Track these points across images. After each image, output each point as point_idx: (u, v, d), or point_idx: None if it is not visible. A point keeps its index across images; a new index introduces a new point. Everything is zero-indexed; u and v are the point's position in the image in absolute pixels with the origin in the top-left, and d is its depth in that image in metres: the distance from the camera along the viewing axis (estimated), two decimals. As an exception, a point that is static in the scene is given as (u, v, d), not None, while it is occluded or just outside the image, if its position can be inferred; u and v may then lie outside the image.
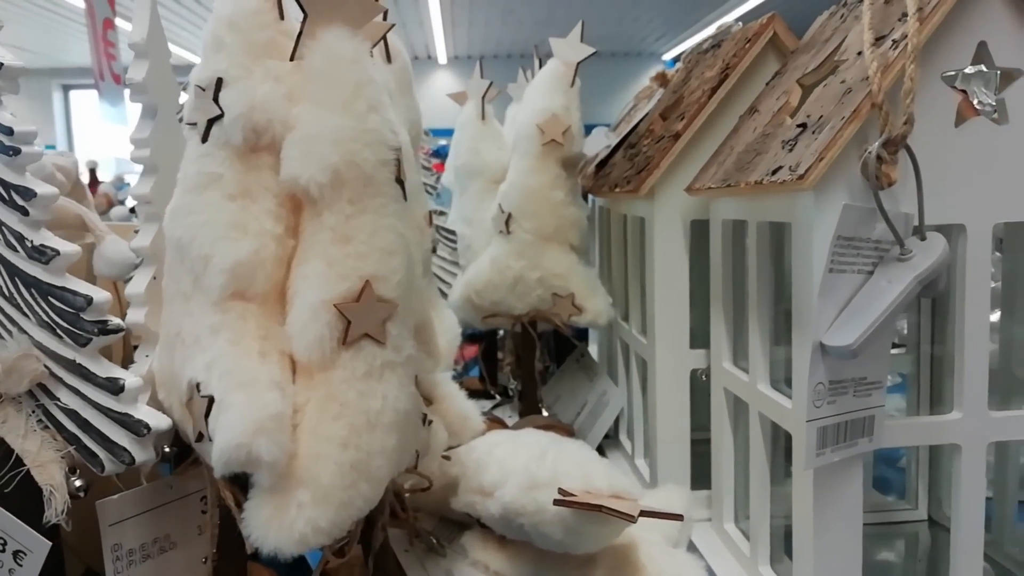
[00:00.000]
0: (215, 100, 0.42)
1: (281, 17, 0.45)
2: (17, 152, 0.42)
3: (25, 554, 0.41)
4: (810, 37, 0.65)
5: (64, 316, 0.42)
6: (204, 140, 0.43)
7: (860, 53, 0.51)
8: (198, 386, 0.40)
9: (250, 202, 0.42)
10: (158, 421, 0.43)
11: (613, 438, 0.96)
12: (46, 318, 0.42)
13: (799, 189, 0.48)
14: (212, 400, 0.39)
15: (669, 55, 8.05)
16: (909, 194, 0.47)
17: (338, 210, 0.41)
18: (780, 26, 0.71)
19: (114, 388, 0.42)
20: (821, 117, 0.51)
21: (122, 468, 0.42)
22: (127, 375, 0.43)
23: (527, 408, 0.96)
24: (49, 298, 0.42)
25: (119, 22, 4.11)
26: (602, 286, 0.90)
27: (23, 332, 0.42)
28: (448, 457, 0.57)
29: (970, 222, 0.50)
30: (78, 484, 0.42)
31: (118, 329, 0.42)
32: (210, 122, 0.43)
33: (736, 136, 0.66)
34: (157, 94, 0.50)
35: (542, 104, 0.86)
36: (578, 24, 0.87)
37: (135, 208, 0.51)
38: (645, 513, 0.47)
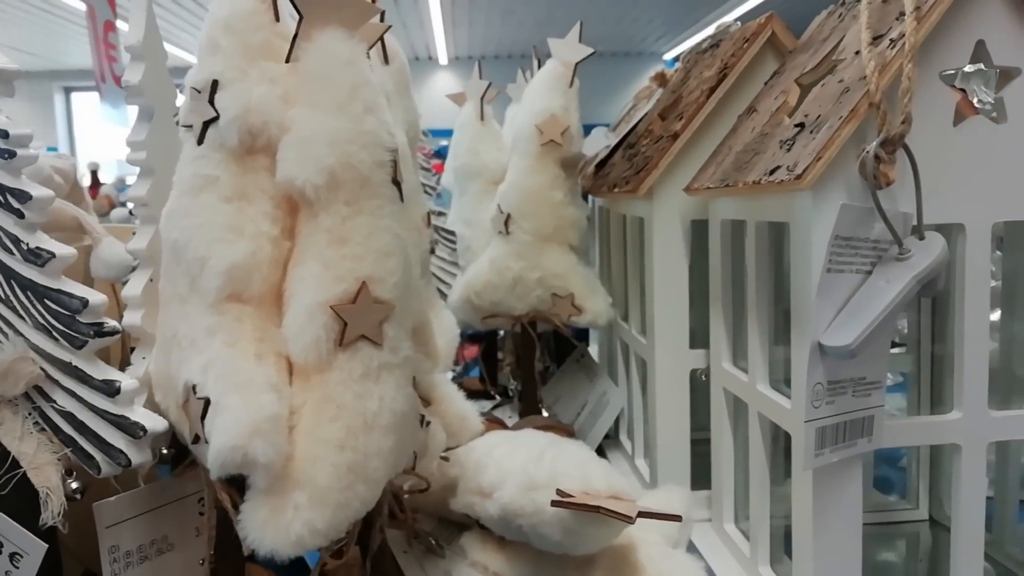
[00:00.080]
0: (211, 102, 0.42)
1: (277, 19, 0.45)
2: (13, 155, 0.42)
3: (21, 556, 0.41)
4: (808, 37, 0.65)
5: (60, 319, 0.42)
6: (200, 142, 0.43)
7: (858, 52, 0.51)
8: (194, 388, 0.40)
9: (246, 204, 0.42)
10: (154, 423, 0.43)
11: (613, 438, 0.96)
12: (42, 320, 0.42)
13: (797, 189, 0.48)
14: (208, 402, 0.39)
15: (669, 55, 8.04)
16: (907, 193, 0.47)
17: (334, 212, 0.41)
18: (778, 26, 0.71)
19: (110, 390, 0.42)
20: (819, 117, 0.51)
21: (118, 470, 0.42)
22: (123, 377, 0.43)
23: (527, 408, 0.96)
24: (45, 300, 0.42)
25: (120, 24, 4.11)
26: (602, 286, 0.90)
27: (19, 335, 0.42)
28: (447, 458, 0.57)
29: (969, 221, 0.50)
30: (74, 486, 0.42)
31: (114, 331, 0.42)
32: (206, 124, 0.43)
33: (734, 136, 0.66)
34: (153, 96, 0.50)
35: (541, 104, 0.86)
36: (576, 24, 0.87)
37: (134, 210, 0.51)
38: (643, 514, 0.47)
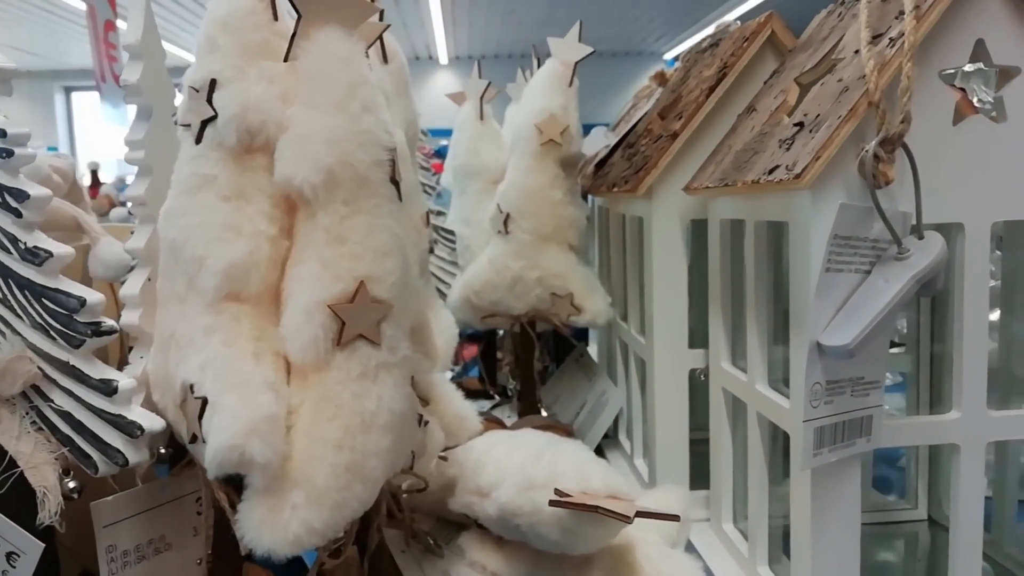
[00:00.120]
0: (209, 101, 0.42)
1: (275, 18, 0.45)
2: (10, 154, 0.42)
3: (18, 556, 0.40)
4: (808, 36, 0.65)
5: (57, 318, 0.41)
6: (198, 141, 0.43)
7: (857, 51, 0.51)
8: (192, 387, 0.40)
9: (244, 203, 0.42)
10: (152, 422, 0.43)
11: (612, 438, 0.95)
12: (39, 320, 0.42)
13: (796, 188, 0.48)
14: (206, 401, 0.39)
15: (670, 55, 8.04)
16: (907, 193, 0.47)
17: (332, 211, 0.41)
18: (778, 25, 0.71)
19: (108, 390, 0.42)
20: (818, 116, 0.50)
21: (116, 470, 0.42)
22: (121, 376, 0.43)
23: (526, 408, 0.96)
24: (43, 300, 0.42)
25: (120, 24, 4.11)
26: (601, 286, 0.90)
27: (16, 334, 0.42)
28: (445, 458, 0.57)
29: (968, 221, 0.49)
30: (72, 486, 0.42)
31: (112, 331, 0.42)
32: (204, 123, 0.43)
33: (734, 135, 0.66)
34: (152, 96, 0.50)
35: (540, 104, 0.86)
36: (576, 24, 0.87)
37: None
38: (641, 514, 0.47)
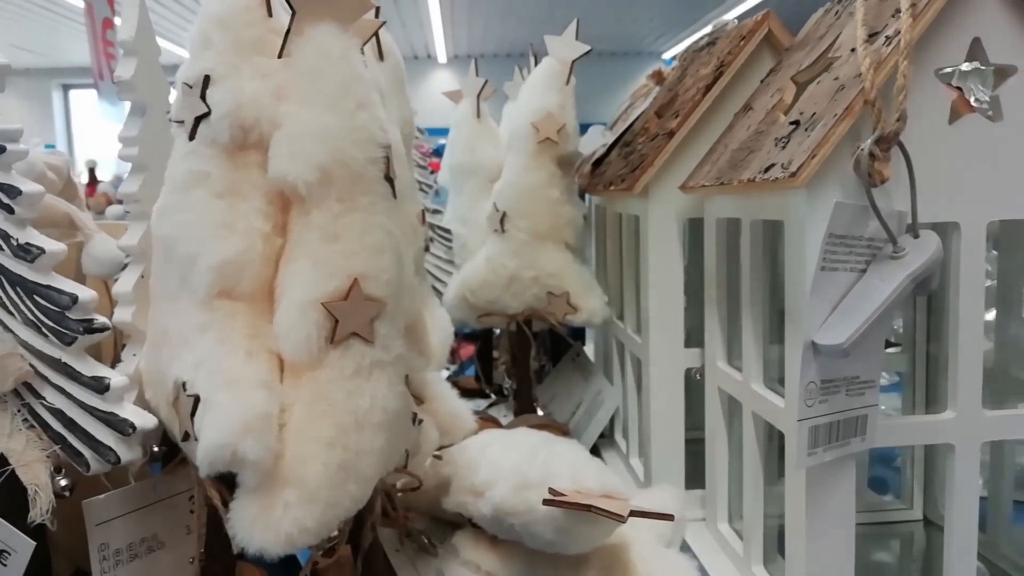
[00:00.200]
0: (202, 98, 0.42)
1: (269, 14, 0.44)
2: (3, 150, 0.42)
3: (9, 554, 0.40)
4: (805, 34, 0.65)
5: (49, 315, 0.41)
6: (191, 138, 0.43)
7: (854, 50, 0.50)
8: (184, 385, 0.40)
9: (238, 200, 0.42)
10: (143, 420, 0.42)
11: (608, 437, 0.95)
12: (31, 317, 0.41)
13: (791, 187, 0.48)
14: (198, 399, 0.39)
15: (669, 54, 8.04)
16: (902, 191, 0.47)
17: (326, 208, 0.41)
18: (775, 23, 0.71)
19: (99, 387, 0.42)
20: (814, 114, 0.50)
21: (108, 467, 0.42)
22: (113, 374, 0.43)
23: (522, 407, 0.96)
24: (34, 296, 0.41)
25: (118, 21, 4.10)
26: (597, 285, 0.90)
27: (8, 331, 0.42)
28: (440, 457, 0.57)
29: (964, 220, 0.49)
30: (63, 483, 0.42)
31: (103, 328, 0.42)
32: (197, 120, 0.42)
33: (730, 134, 0.66)
34: (146, 92, 0.50)
35: (537, 102, 0.86)
36: (573, 22, 0.87)
37: (128, 207, 0.51)
38: (635, 513, 0.47)
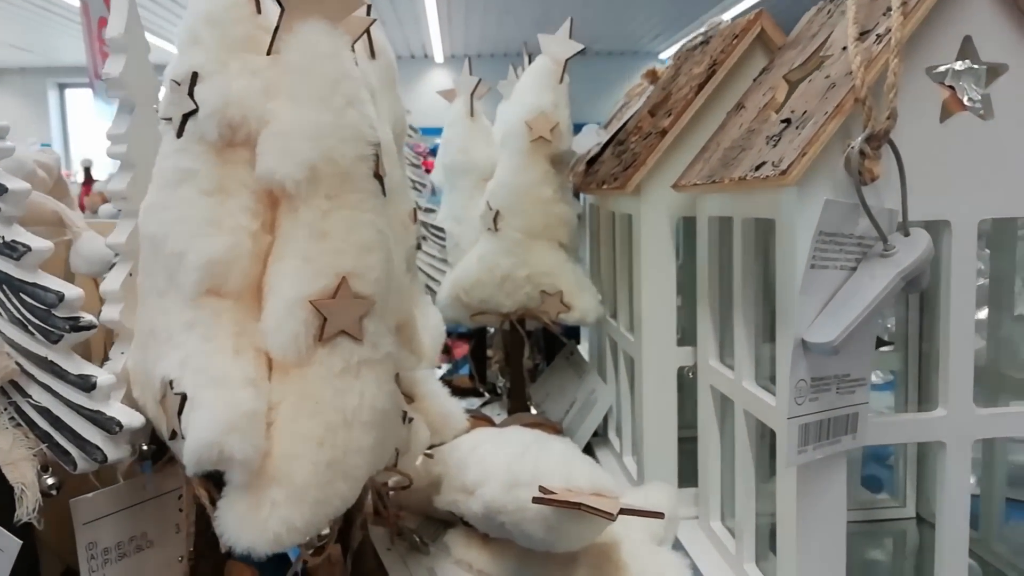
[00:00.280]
0: (190, 95, 0.42)
1: (258, 11, 0.44)
2: (-11, 147, 0.41)
3: (-5, 553, 0.40)
4: (797, 33, 0.64)
5: (36, 313, 0.41)
6: (179, 135, 0.42)
7: (845, 48, 0.50)
8: (171, 383, 0.39)
9: (226, 198, 0.42)
10: (130, 419, 0.42)
11: (602, 436, 0.95)
12: (18, 314, 0.41)
13: (782, 185, 0.48)
14: (185, 397, 0.39)
15: (665, 54, 8.04)
16: (893, 190, 0.47)
17: (315, 206, 0.41)
18: (768, 22, 0.71)
19: (86, 385, 0.41)
20: (805, 112, 0.50)
21: (95, 466, 0.41)
22: (99, 372, 0.42)
23: (516, 406, 0.96)
24: (21, 294, 0.41)
25: (114, 20, 4.08)
26: (591, 284, 0.89)
27: (-5, 329, 0.42)
28: (431, 455, 0.57)
29: (955, 218, 0.49)
30: (50, 482, 0.42)
31: (90, 326, 0.42)
32: (185, 117, 0.42)
33: (723, 132, 0.66)
34: (135, 89, 0.50)
35: (531, 101, 0.86)
36: (567, 21, 0.87)
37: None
38: (625, 511, 0.47)
